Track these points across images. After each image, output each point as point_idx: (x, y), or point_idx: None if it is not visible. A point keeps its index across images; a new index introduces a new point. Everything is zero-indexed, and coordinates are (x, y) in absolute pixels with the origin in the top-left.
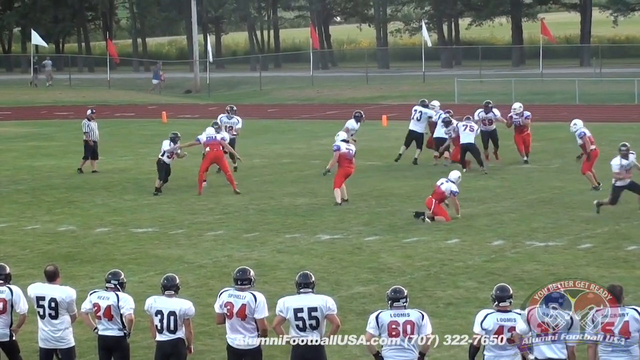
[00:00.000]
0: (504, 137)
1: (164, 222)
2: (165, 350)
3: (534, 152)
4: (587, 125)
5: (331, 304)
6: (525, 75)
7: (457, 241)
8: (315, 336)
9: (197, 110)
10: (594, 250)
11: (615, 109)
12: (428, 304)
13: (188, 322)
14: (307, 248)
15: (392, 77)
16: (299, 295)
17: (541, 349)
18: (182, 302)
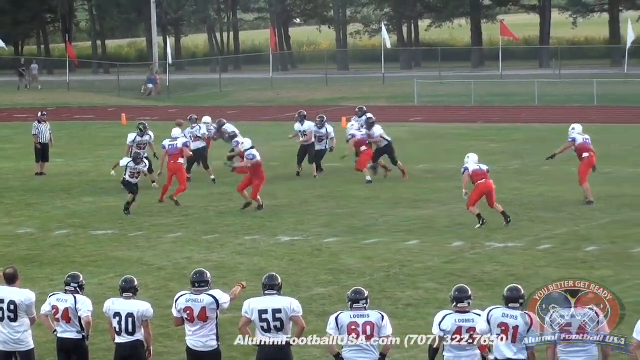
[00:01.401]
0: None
1: (124, 224)
2: (124, 352)
3: (493, 153)
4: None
5: (296, 306)
6: (485, 76)
7: (417, 242)
8: (281, 338)
9: (156, 113)
10: (554, 251)
11: (574, 110)
12: (388, 305)
13: (146, 324)
14: (266, 250)
15: (352, 79)
16: (264, 297)
17: (501, 349)
18: (140, 304)
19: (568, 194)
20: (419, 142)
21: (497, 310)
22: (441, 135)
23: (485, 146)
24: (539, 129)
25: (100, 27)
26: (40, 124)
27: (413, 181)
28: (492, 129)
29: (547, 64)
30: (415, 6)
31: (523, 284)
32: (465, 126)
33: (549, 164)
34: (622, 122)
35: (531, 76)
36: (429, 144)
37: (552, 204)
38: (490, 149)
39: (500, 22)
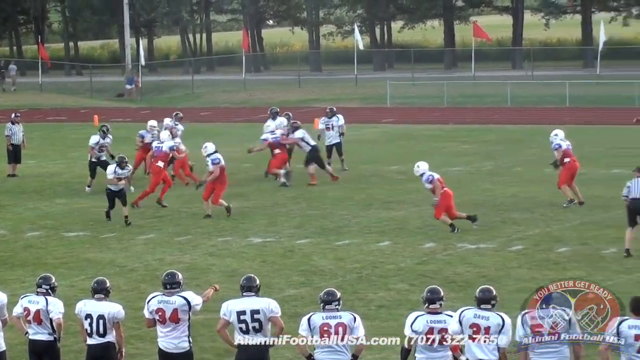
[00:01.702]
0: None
1: (96, 225)
2: (95, 354)
3: (465, 155)
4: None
5: (274, 306)
6: (458, 78)
7: (389, 243)
8: (260, 339)
9: (129, 114)
10: (525, 252)
11: (547, 111)
12: (360, 306)
13: (118, 325)
14: (238, 251)
15: (325, 80)
16: (242, 299)
17: (472, 350)
18: (111, 305)
19: (540, 195)
20: (391, 144)
21: (469, 311)
22: (413, 136)
23: (457, 147)
24: (511, 130)
25: (73, 28)
26: (14, 125)
27: (385, 183)
28: (465, 130)
29: (519, 65)
30: (388, 7)
31: (495, 285)
32: (438, 127)
33: (521, 164)
34: (595, 123)
35: (504, 77)
36: (402, 145)
37: (524, 205)
38: (462, 150)
39: (473, 23)
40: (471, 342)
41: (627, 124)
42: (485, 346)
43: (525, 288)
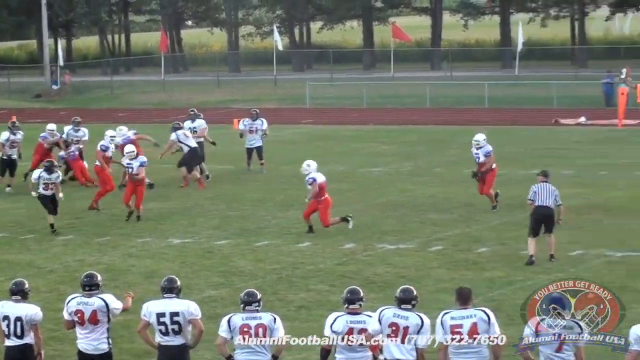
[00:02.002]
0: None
1: (15, 226)
2: (12, 356)
3: (385, 155)
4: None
5: (194, 308)
6: (377, 78)
7: (309, 244)
8: (179, 341)
9: (47, 115)
10: (445, 253)
11: (466, 112)
12: (280, 307)
13: (36, 327)
14: (158, 252)
15: (244, 81)
16: (162, 300)
17: (390, 349)
18: (29, 307)
19: (460, 196)
20: (311, 144)
21: (389, 310)
22: (333, 137)
23: (377, 148)
24: (431, 130)
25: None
26: None
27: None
28: (384, 130)
29: (438, 66)
30: (306, 8)
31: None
32: (357, 128)
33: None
34: (514, 123)
35: (423, 78)
36: (321, 146)
37: (443, 206)
38: (382, 150)
39: (392, 24)
40: (390, 342)
41: (546, 124)
42: (403, 346)
43: (445, 288)
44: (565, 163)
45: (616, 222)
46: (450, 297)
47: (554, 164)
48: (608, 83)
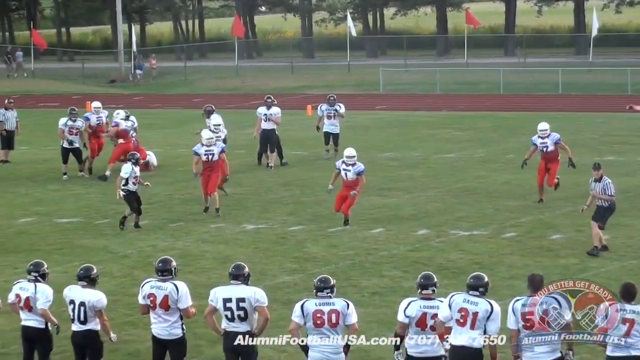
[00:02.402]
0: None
1: (89, 212)
2: (77, 340)
3: (458, 141)
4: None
5: (260, 296)
6: (450, 64)
7: (382, 230)
8: (244, 328)
9: (121, 100)
10: (518, 239)
11: (539, 98)
12: (353, 293)
13: (100, 313)
14: (232, 238)
15: (317, 67)
16: (229, 286)
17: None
18: (93, 293)
19: (533, 182)
20: (384, 130)
21: (459, 296)
22: (406, 123)
23: (450, 134)
24: (504, 117)
25: (65, 14)
26: (7, 111)
27: (379, 169)
28: (457, 117)
29: (512, 52)
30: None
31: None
32: (430, 114)
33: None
34: (587, 110)
35: (496, 64)
36: (395, 132)
37: (517, 192)
38: (455, 137)
39: (466, 10)
40: (458, 327)
41: (620, 111)
42: (471, 332)
43: (518, 275)
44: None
45: None
46: (524, 284)
47: (628, 151)
48: None
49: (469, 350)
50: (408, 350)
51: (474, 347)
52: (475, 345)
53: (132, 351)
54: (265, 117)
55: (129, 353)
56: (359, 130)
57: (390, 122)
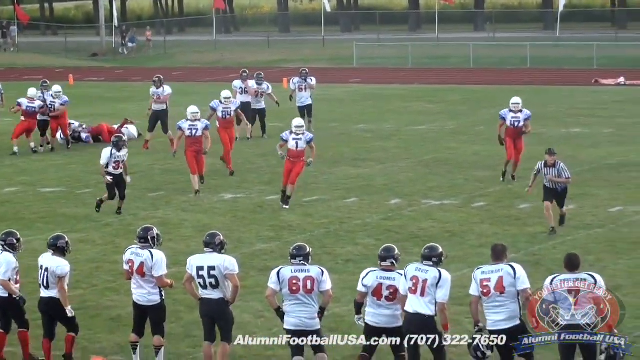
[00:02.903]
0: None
1: (71, 182)
2: (41, 307)
3: (430, 114)
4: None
5: (229, 264)
6: (422, 39)
7: (356, 200)
8: (217, 295)
9: (103, 73)
10: (488, 209)
11: (508, 72)
12: (328, 260)
13: (60, 281)
14: (210, 207)
15: (293, 42)
16: (203, 254)
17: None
18: (56, 260)
19: (501, 153)
20: (358, 103)
21: (412, 265)
22: (380, 96)
23: (422, 107)
24: (474, 90)
25: None
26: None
27: (353, 141)
28: (429, 90)
29: (482, 28)
30: None
31: (458, 239)
32: (403, 87)
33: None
34: (555, 84)
35: (466, 39)
36: (368, 105)
37: (486, 163)
38: (426, 109)
39: None
40: (411, 295)
41: (586, 84)
42: (422, 299)
43: (487, 243)
44: (605, 122)
45: None
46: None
47: (593, 124)
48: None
49: (421, 317)
50: (366, 319)
51: (426, 315)
52: (427, 313)
53: (114, 316)
54: (242, 90)
55: (111, 318)
56: (333, 103)
57: (364, 95)
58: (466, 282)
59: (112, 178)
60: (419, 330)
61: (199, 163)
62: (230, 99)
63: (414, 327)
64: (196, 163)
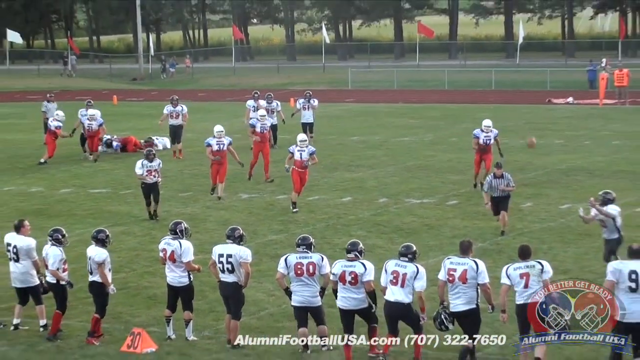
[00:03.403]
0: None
1: (115, 184)
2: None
3: (412, 127)
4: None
5: (244, 253)
6: (405, 66)
7: (350, 199)
8: (232, 279)
9: (142, 95)
10: (459, 206)
11: (476, 93)
12: (327, 248)
13: (99, 267)
14: (230, 205)
15: (299, 68)
16: (224, 244)
17: (392, 292)
18: (98, 250)
19: (471, 160)
20: (352, 119)
21: (392, 261)
22: (370, 113)
23: (405, 122)
24: (448, 108)
25: (96, 25)
26: (49, 103)
27: (348, 150)
28: (411, 108)
29: (455, 56)
30: (349, 9)
31: (435, 232)
32: (389, 106)
33: (456, 136)
34: (515, 103)
35: (442, 66)
36: (360, 120)
37: (458, 168)
38: (409, 124)
39: (418, 22)
40: (392, 286)
41: (541, 103)
42: (402, 289)
43: (459, 234)
44: (556, 134)
45: (597, 181)
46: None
47: (547, 135)
48: (591, 70)
49: (401, 304)
50: (338, 304)
51: (405, 302)
52: (405, 301)
53: (151, 295)
54: (254, 108)
55: (148, 297)
56: (332, 119)
57: (357, 112)
58: (441, 267)
59: (146, 185)
60: (399, 315)
61: (220, 173)
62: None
63: (394, 312)
64: (217, 175)
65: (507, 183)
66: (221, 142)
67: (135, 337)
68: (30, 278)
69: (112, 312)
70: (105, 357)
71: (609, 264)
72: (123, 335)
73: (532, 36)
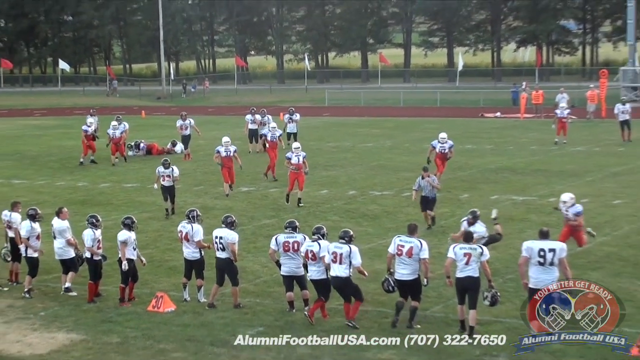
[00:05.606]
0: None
1: (144, 180)
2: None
3: (375, 136)
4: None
5: (231, 236)
6: (370, 88)
7: (326, 191)
8: (224, 255)
9: (164, 110)
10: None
11: (425, 109)
12: (308, 231)
13: (122, 245)
14: (233, 196)
15: (287, 89)
16: (220, 228)
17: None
18: (123, 233)
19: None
20: (328, 129)
21: (332, 244)
22: (342, 124)
23: (369, 131)
24: (403, 120)
25: (128, 55)
26: (91, 116)
27: (325, 153)
28: (374, 121)
29: (408, 80)
30: (326, 43)
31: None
32: (357, 119)
33: (409, 142)
34: (455, 117)
35: (398, 88)
36: (335, 130)
37: (411, 168)
38: (373, 133)
39: (380, 53)
40: (333, 264)
41: (475, 117)
42: (340, 266)
43: (411, 219)
44: (487, 141)
45: (519, 177)
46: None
47: (480, 142)
48: (514, 91)
49: (340, 278)
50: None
51: (343, 276)
52: (343, 275)
53: (171, 267)
54: (251, 121)
55: (169, 268)
56: (312, 129)
57: (332, 124)
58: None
59: (164, 187)
60: (340, 286)
61: (230, 175)
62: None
63: (336, 285)
64: (228, 175)
65: (431, 181)
66: (228, 150)
67: (159, 299)
68: (65, 253)
69: (141, 279)
70: (135, 315)
71: (523, 243)
72: (149, 298)
73: (469, 64)
